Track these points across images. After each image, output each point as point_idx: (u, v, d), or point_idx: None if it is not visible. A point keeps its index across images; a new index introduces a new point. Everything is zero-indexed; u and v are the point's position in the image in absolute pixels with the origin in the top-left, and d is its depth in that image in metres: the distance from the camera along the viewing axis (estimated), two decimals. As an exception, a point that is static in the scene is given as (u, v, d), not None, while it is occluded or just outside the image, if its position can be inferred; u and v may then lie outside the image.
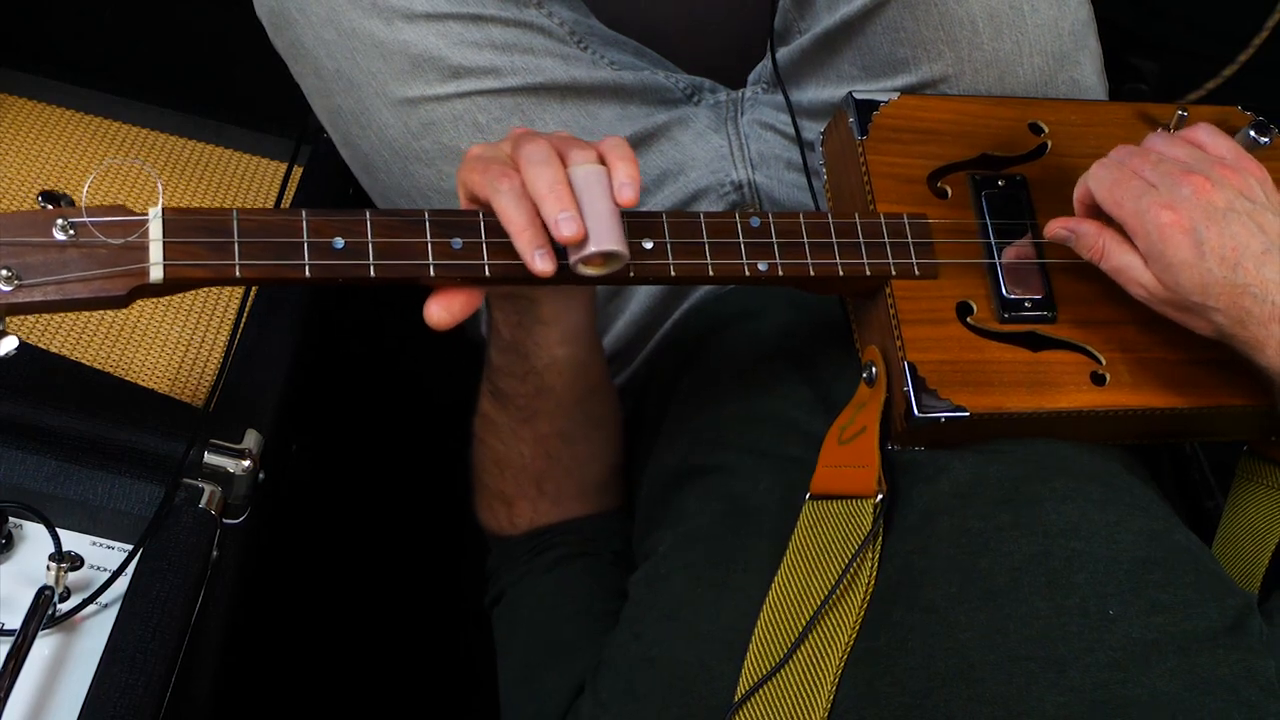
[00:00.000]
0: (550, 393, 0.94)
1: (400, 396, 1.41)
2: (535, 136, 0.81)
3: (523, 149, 0.79)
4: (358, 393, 1.37)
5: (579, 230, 0.77)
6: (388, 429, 1.38)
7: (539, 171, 0.78)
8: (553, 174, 0.78)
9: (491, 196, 0.78)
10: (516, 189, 0.78)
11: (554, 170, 0.78)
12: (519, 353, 0.92)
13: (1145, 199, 0.82)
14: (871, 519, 0.81)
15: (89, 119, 1.17)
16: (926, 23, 0.98)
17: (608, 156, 0.80)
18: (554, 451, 0.96)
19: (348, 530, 1.34)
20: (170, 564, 0.87)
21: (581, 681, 0.88)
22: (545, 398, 0.94)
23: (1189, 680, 0.73)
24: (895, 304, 0.87)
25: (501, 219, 0.78)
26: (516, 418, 0.95)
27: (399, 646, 1.34)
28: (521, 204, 0.78)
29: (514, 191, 0.78)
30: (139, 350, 1.02)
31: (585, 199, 0.78)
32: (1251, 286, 0.80)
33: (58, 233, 0.72)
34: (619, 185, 0.79)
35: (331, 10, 1.01)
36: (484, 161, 0.80)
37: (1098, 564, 0.78)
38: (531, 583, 0.97)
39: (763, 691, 0.78)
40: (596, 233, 0.77)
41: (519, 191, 0.78)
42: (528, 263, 0.77)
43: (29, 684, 0.82)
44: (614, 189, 0.79)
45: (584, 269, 0.79)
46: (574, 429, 0.96)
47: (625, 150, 0.81)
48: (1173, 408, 0.88)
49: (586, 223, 0.77)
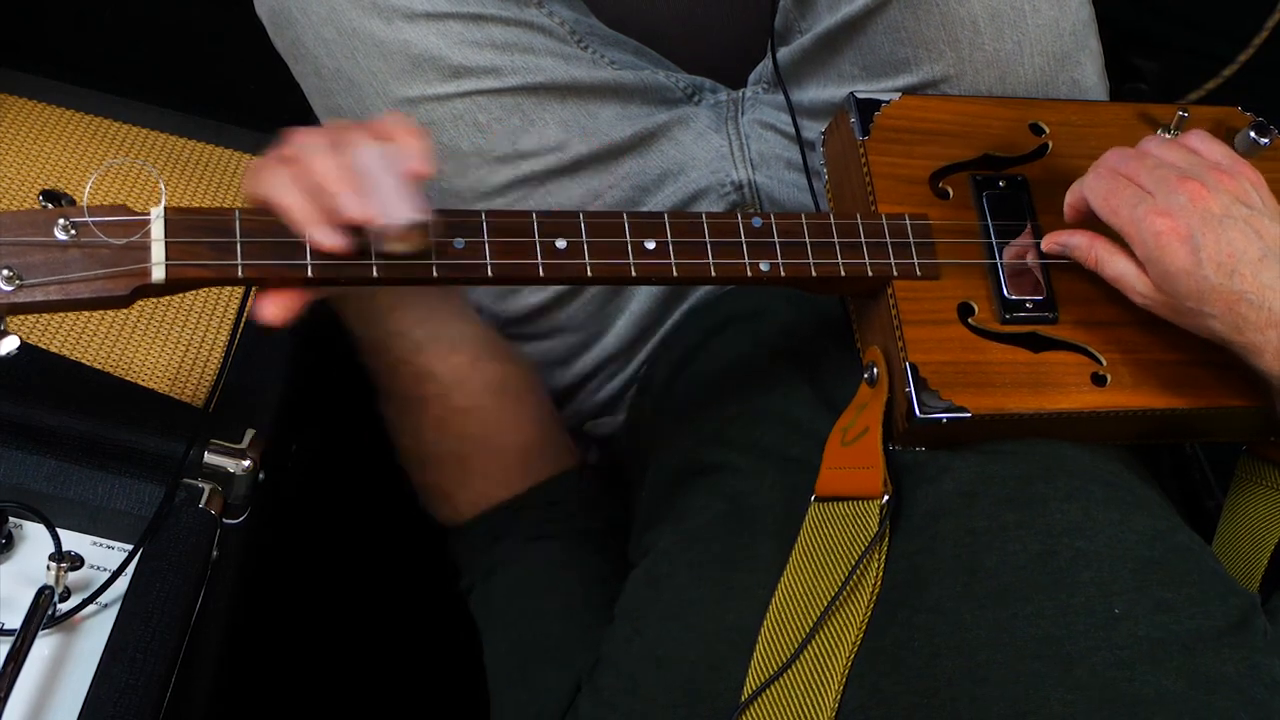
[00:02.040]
0: (430, 377, 0.94)
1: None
2: (302, 131, 0.78)
3: (292, 143, 0.77)
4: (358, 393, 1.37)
5: (367, 209, 0.74)
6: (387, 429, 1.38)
7: (313, 162, 0.75)
8: (328, 159, 0.75)
9: (266, 193, 0.75)
10: (287, 177, 0.75)
11: (329, 156, 0.75)
12: (380, 348, 0.93)
13: (1141, 207, 0.82)
14: (878, 521, 0.81)
15: (89, 119, 1.17)
16: (928, 22, 0.98)
17: (391, 132, 0.77)
18: (459, 430, 0.96)
19: (348, 530, 1.34)
20: (170, 564, 0.87)
21: (579, 678, 0.88)
22: (427, 383, 0.94)
23: (1195, 678, 0.73)
24: (897, 305, 0.87)
25: (278, 210, 0.75)
26: (409, 410, 0.96)
27: (399, 646, 1.34)
28: (294, 187, 0.75)
29: (285, 178, 0.75)
30: (139, 350, 1.02)
31: (370, 178, 0.75)
32: (1248, 293, 0.80)
33: (59, 232, 0.72)
34: (406, 157, 0.75)
35: (332, 10, 1.01)
36: (260, 165, 0.77)
37: (1103, 563, 0.78)
38: (503, 575, 0.97)
39: (770, 691, 0.78)
40: (388, 207, 0.74)
41: (290, 177, 0.75)
42: (311, 241, 0.74)
43: (29, 684, 0.82)
44: (402, 162, 0.75)
45: (389, 246, 0.76)
46: (470, 403, 0.96)
47: (409, 123, 0.78)
48: (1173, 408, 0.88)
49: (376, 200, 0.74)
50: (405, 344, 0.92)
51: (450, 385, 0.95)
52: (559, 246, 0.81)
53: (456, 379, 0.95)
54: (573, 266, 0.81)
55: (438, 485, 1.00)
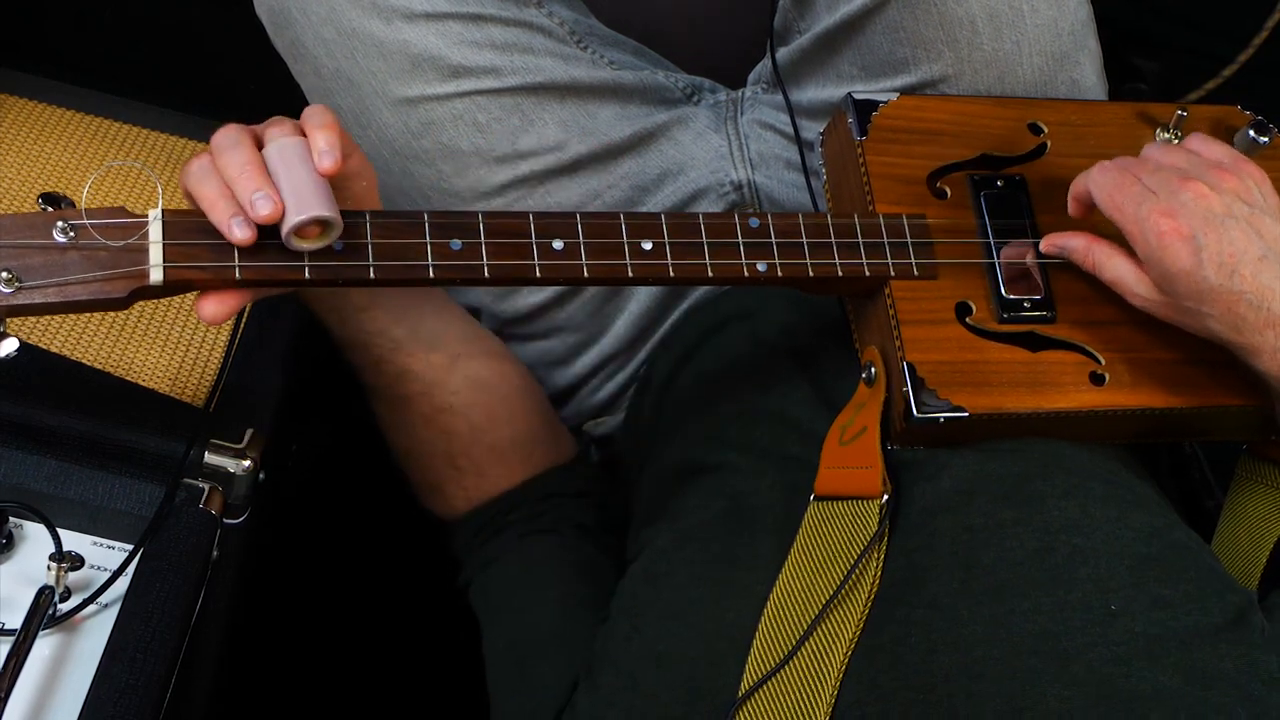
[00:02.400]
0: (411, 376, 0.94)
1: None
2: (226, 126, 0.79)
3: (213, 139, 0.78)
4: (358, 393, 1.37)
5: (273, 207, 0.74)
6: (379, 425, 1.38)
7: (229, 157, 0.76)
8: (242, 155, 0.76)
9: (190, 186, 0.77)
10: (204, 166, 0.77)
11: (243, 152, 0.76)
12: (359, 346, 0.94)
13: (1145, 205, 0.82)
14: (877, 520, 0.81)
15: (89, 119, 1.17)
16: (926, 22, 0.98)
17: (306, 126, 0.78)
18: (446, 427, 0.97)
19: (348, 530, 1.34)
20: (170, 564, 0.87)
21: (576, 674, 0.89)
22: (409, 382, 0.94)
23: (1192, 674, 0.74)
24: (894, 304, 0.87)
25: (197, 201, 0.76)
26: (393, 408, 0.96)
27: (399, 645, 1.34)
28: (210, 178, 0.76)
29: (201, 169, 0.76)
30: (139, 350, 1.02)
31: (283, 173, 0.76)
32: (1247, 293, 0.80)
33: (58, 235, 0.72)
34: (319, 154, 0.76)
35: (331, 10, 1.02)
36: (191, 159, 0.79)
37: (1100, 559, 0.78)
38: (498, 570, 0.98)
39: (767, 687, 0.78)
40: (297, 204, 0.75)
41: (207, 168, 0.76)
42: (226, 233, 0.75)
43: (29, 684, 0.82)
44: (314, 158, 0.77)
45: (298, 243, 0.76)
46: (455, 400, 0.97)
47: (325, 118, 0.79)
48: (1171, 408, 0.88)
49: (285, 196, 0.75)
50: (383, 343, 0.92)
51: (431, 383, 0.96)
52: (555, 248, 0.81)
53: (437, 377, 0.96)
54: (569, 267, 0.81)
55: (431, 481, 1.01)
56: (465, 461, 0.98)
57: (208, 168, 0.77)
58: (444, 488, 1.00)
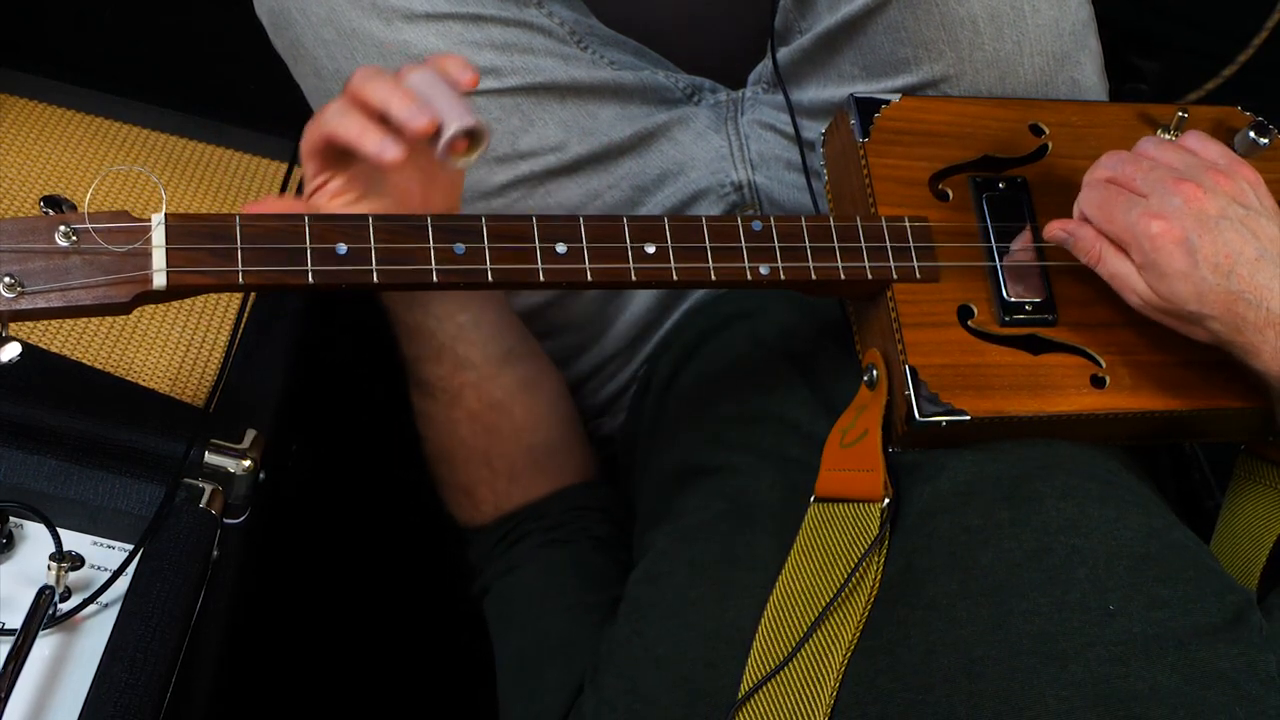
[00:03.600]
0: (469, 365, 0.95)
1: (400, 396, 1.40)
2: (361, 67, 0.83)
3: (353, 77, 0.81)
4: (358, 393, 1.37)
5: (430, 117, 0.79)
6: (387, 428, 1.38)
7: (375, 84, 0.80)
8: (390, 81, 0.80)
9: (331, 129, 0.81)
10: (342, 105, 0.81)
11: (389, 78, 0.81)
12: (423, 334, 0.94)
13: (1135, 211, 0.82)
14: (879, 524, 0.81)
15: (89, 119, 1.17)
16: (928, 22, 0.98)
17: (431, 63, 0.82)
18: (491, 424, 0.97)
19: (348, 530, 1.34)
20: (170, 564, 0.87)
21: (581, 679, 0.89)
22: (465, 371, 0.95)
23: (1189, 674, 0.74)
24: (896, 307, 0.87)
25: (346, 140, 0.80)
26: (444, 402, 0.96)
27: (400, 645, 1.34)
28: (350, 113, 0.80)
29: (340, 109, 0.81)
30: (139, 350, 1.02)
31: (429, 93, 0.80)
32: (1246, 293, 0.80)
33: (60, 239, 0.72)
34: (457, 72, 0.81)
35: (331, 11, 1.01)
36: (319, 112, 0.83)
37: (1098, 560, 0.78)
38: (516, 577, 0.97)
39: (767, 688, 0.78)
40: (451, 116, 0.79)
41: (345, 107, 0.81)
42: (377, 157, 0.79)
43: (29, 684, 0.82)
44: (455, 74, 0.81)
45: (453, 159, 0.80)
46: (504, 396, 0.97)
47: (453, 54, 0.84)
48: (1172, 410, 0.88)
49: (433, 110, 0.79)
50: (449, 328, 0.94)
51: (485, 376, 0.96)
52: (559, 251, 0.81)
53: (491, 371, 0.96)
54: (572, 271, 0.81)
55: (464, 483, 1.00)
56: (501, 464, 0.99)
57: (345, 106, 0.81)
58: (475, 491, 1.00)
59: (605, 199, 1.07)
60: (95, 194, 1.08)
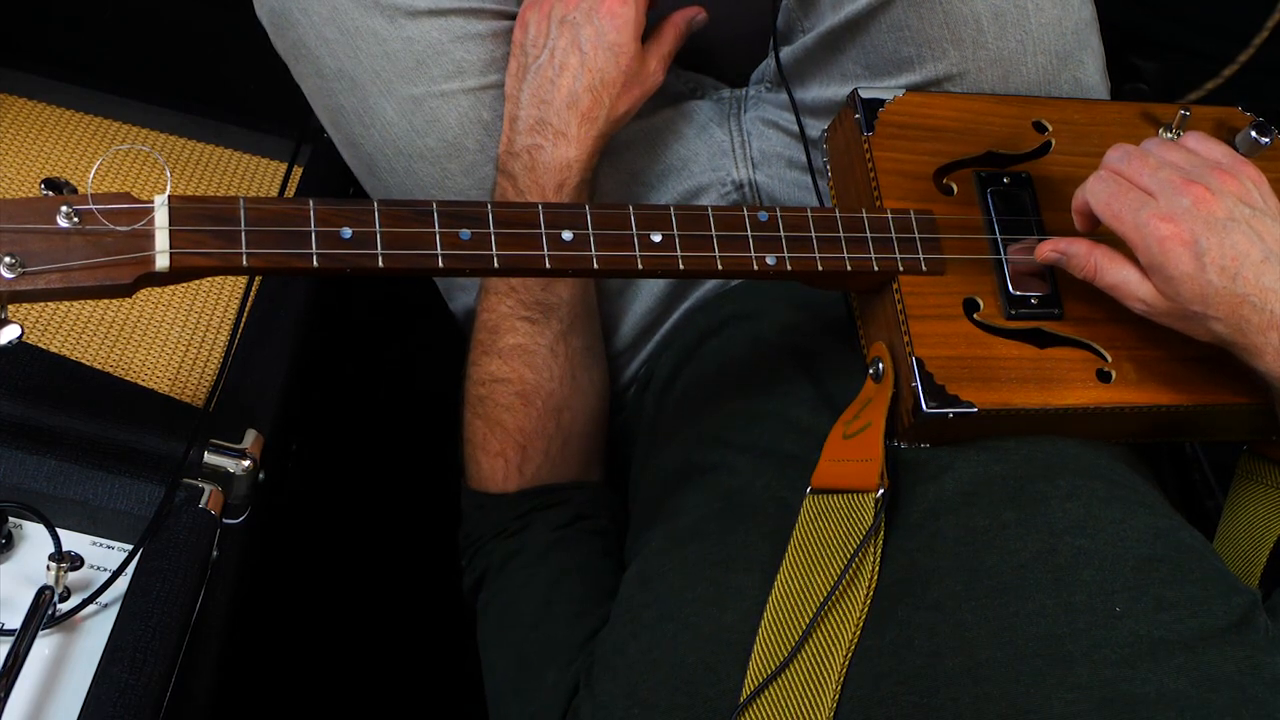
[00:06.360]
0: (585, 299, 1.01)
1: (400, 397, 1.40)
2: None
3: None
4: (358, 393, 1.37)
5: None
6: (387, 428, 1.38)
7: None
8: None
9: None
10: None
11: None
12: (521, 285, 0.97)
13: (1144, 211, 0.82)
14: (873, 513, 0.81)
15: (89, 119, 1.17)
16: (931, 21, 0.98)
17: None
18: (577, 372, 1.01)
19: (348, 530, 1.34)
20: (170, 564, 0.87)
21: (578, 679, 0.88)
22: (580, 303, 1.01)
23: (1196, 677, 0.73)
24: (903, 300, 0.86)
25: None
26: (558, 330, 0.99)
27: (399, 646, 1.34)
28: None
29: None
30: (139, 350, 1.02)
31: None
32: (1250, 295, 0.80)
33: (62, 220, 0.71)
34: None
35: (333, 9, 1.01)
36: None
37: (1104, 561, 0.78)
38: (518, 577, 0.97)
39: (768, 691, 0.77)
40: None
41: None
42: None
43: (29, 684, 0.82)
44: None
45: None
46: (592, 343, 1.03)
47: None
48: (1177, 405, 0.88)
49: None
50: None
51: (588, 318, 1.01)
52: (565, 238, 0.81)
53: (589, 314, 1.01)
54: (579, 258, 0.81)
55: (523, 430, 1.00)
56: (539, 444, 1.00)
57: None
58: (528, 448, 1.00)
59: (606, 193, 1.07)
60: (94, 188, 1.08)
